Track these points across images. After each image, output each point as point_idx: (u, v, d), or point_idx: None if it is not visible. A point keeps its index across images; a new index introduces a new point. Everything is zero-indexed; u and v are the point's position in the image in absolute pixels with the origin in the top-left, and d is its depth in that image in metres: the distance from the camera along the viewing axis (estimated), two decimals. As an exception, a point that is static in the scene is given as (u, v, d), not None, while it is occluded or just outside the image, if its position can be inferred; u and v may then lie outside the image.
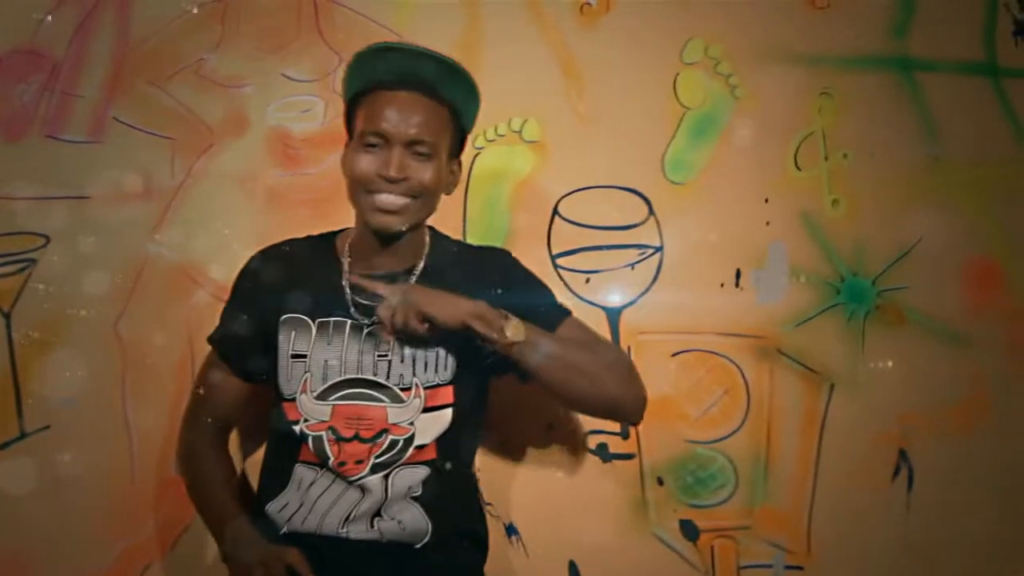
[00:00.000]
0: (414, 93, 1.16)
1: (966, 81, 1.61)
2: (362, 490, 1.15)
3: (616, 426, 1.52)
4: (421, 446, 1.16)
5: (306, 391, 1.17)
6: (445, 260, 1.24)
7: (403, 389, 1.17)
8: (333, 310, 1.19)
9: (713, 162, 1.57)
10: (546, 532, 1.51)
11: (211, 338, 1.27)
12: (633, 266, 1.55)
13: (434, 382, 1.18)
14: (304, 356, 1.17)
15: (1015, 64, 1.62)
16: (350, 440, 1.15)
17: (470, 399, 1.21)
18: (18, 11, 1.49)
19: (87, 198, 1.48)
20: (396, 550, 1.15)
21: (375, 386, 1.17)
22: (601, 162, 1.56)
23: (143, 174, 1.49)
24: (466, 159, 1.32)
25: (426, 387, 1.17)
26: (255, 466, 1.37)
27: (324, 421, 1.16)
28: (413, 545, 1.16)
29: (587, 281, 1.54)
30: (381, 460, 1.15)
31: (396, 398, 1.16)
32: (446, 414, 1.18)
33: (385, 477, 1.15)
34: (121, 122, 1.50)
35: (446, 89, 1.19)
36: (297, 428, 1.17)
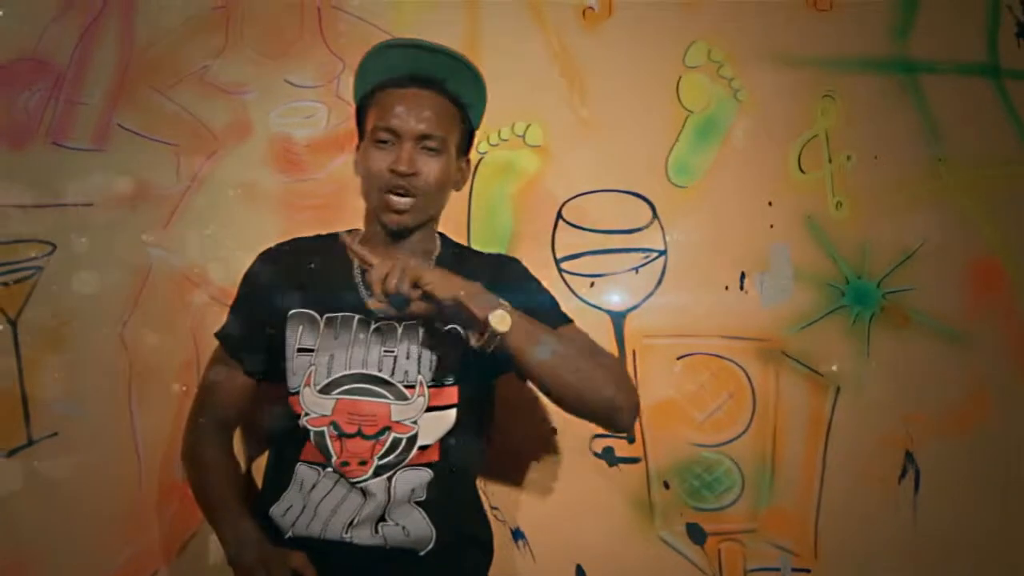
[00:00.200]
0: (423, 89, 1.18)
1: (969, 83, 1.61)
2: (364, 494, 1.15)
3: (623, 432, 1.52)
4: (424, 447, 1.16)
5: (310, 384, 1.17)
6: (455, 264, 1.24)
7: (407, 386, 1.16)
8: (342, 305, 1.19)
9: (716, 165, 1.57)
10: (553, 536, 1.51)
11: (219, 333, 1.27)
12: (637, 270, 1.55)
13: (440, 381, 1.18)
14: (311, 350, 1.17)
15: (1018, 65, 1.62)
16: (352, 436, 1.14)
17: (475, 401, 1.21)
18: (23, 19, 1.49)
19: (92, 205, 1.48)
20: (401, 556, 1.15)
21: (379, 382, 1.16)
22: (605, 166, 1.56)
23: (147, 180, 1.49)
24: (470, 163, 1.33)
25: (430, 385, 1.17)
26: (259, 470, 1.38)
27: (326, 416, 1.16)
28: (418, 551, 1.15)
29: (591, 285, 1.55)
30: (384, 462, 1.15)
31: (400, 395, 1.16)
32: (450, 414, 1.18)
33: (388, 480, 1.15)
34: (125, 129, 1.50)
35: (454, 85, 1.20)
36: (300, 422, 1.16)
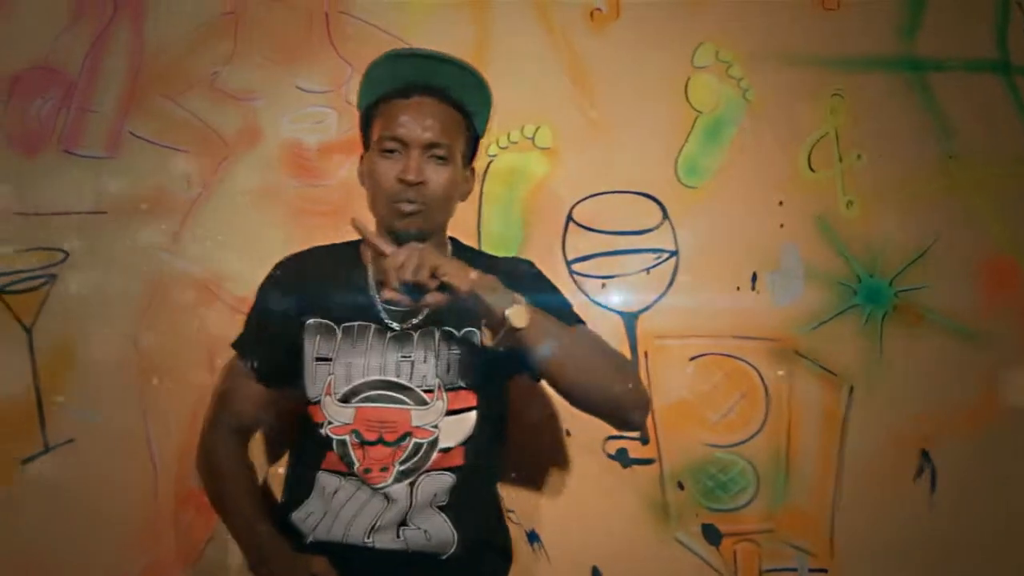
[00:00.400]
0: (428, 98, 1.18)
1: (979, 79, 1.60)
2: (386, 498, 1.15)
3: (635, 431, 1.52)
4: (445, 449, 1.16)
5: (330, 393, 1.17)
6: None
7: (426, 391, 1.17)
8: (358, 315, 1.19)
9: (726, 165, 1.57)
10: (568, 539, 1.50)
11: (235, 343, 1.28)
12: (649, 270, 1.55)
13: (457, 384, 1.18)
14: (329, 359, 1.18)
15: (1028, 61, 1.61)
16: (374, 444, 1.15)
17: (493, 402, 1.21)
18: (34, 28, 1.50)
19: (105, 213, 1.49)
20: (422, 560, 1.15)
21: (398, 388, 1.17)
22: (614, 167, 1.56)
23: (159, 187, 1.50)
24: (479, 167, 1.33)
25: (448, 389, 1.17)
26: (276, 478, 1.38)
27: (347, 424, 1.16)
28: (439, 556, 1.15)
29: (603, 286, 1.54)
30: (405, 467, 1.15)
31: (419, 400, 1.16)
32: (470, 417, 1.18)
33: (410, 485, 1.15)
34: (137, 136, 1.51)
35: (458, 92, 1.20)
36: (322, 431, 1.17)
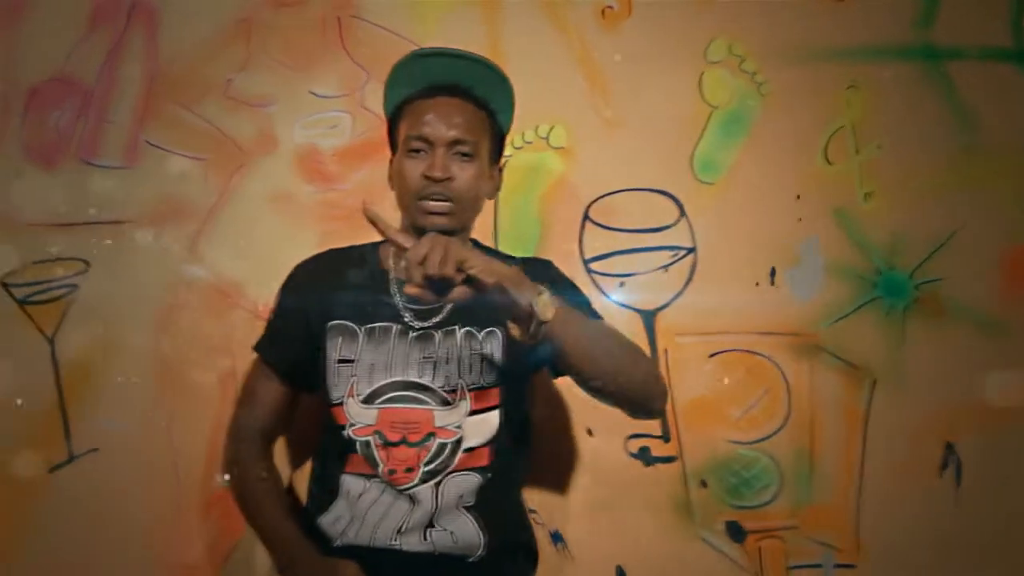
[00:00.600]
0: (453, 97, 1.19)
1: (995, 68, 1.59)
2: (412, 500, 1.15)
3: (657, 429, 1.51)
4: (469, 449, 1.16)
5: (352, 395, 1.17)
6: None
7: (449, 391, 1.17)
8: (380, 316, 1.19)
9: (742, 160, 1.56)
10: (591, 538, 1.50)
11: (257, 345, 1.28)
12: (667, 268, 1.55)
13: (480, 384, 1.18)
14: (351, 361, 1.18)
15: (1045, 49, 1.60)
16: (397, 444, 1.15)
17: (517, 400, 1.21)
18: (50, 40, 1.51)
19: (124, 222, 1.50)
20: (449, 562, 1.15)
21: (421, 388, 1.17)
22: (630, 165, 1.55)
23: (177, 195, 1.51)
24: (496, 166, 1.33)
25: (471, 389, 1.17)
26: (298, 482, 1.38)
27: (370, 425, 1.16)
28: (466, 558, 1.15)
29: (621, 285, 1.54)
30: (430, 468, 1.15)
31: (442, 401, 1.17)
32: (493, 416, 1.18)
33: (436, 486, 1.15)
34: (153, 145, 1.52)
35: (482, 90, 1.21)
36: (345, 433, 1.17)
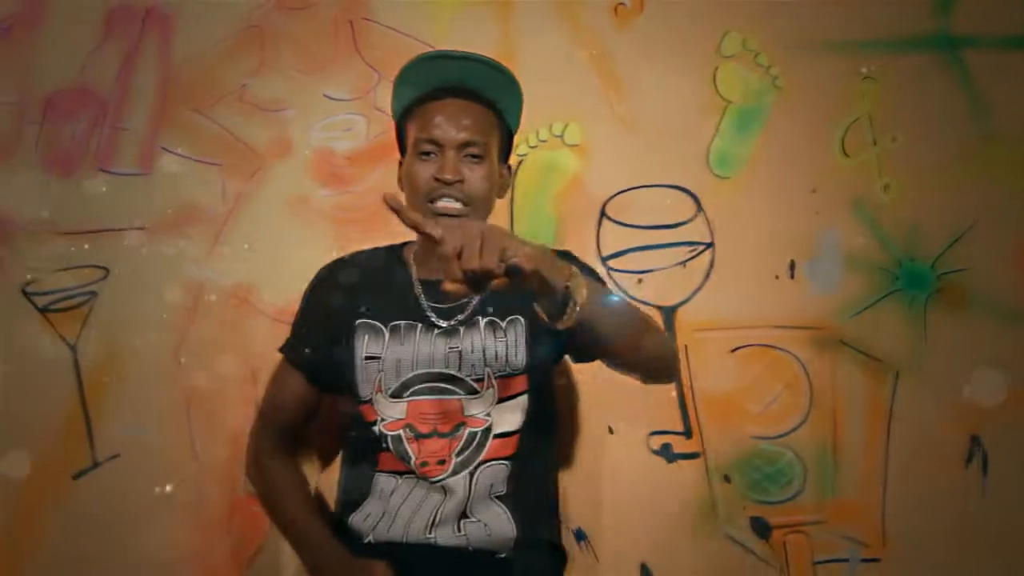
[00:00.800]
0: (460, 99, 1.18)
1: (1013, 56, 1.58)
2: (445, 491, 1.15)
3: (679, 426, 1.51)
4: (501, 435, 1.16)
5: (380, 390, 1.17)
6: None
7: (476, 380, 1.17)
8: (404, 315, 1.19)
9: (759, 154, 1.55)
10: (615, 536, 1.49)
11: (283, 347, 1.28)
12: (685, 263, 1.54)
13: (506, 371, 1.18)
14: (377, 357, 1.18)
15: (1063, 36, 1.58)
16: (428, 436, 1.15)
17: (543, 387, 1.21)
18: (66, 50, 1.52)
19: (142, 228, 1.50)
20: (482, 557, 1.14)
21: (448, 379, 1.17)
22: (645, 161, 1.55)
23: (194, 201, 1.52)
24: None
25: (498, 376, 1.17)
26: (326, 483, 1.38)
27: (400, 419, 1.17)
28: (499, 553, 1.15)
29: (639, 282, 1.53)
30: (462, 458, 1.15)
31: (470, 390, 1.17)
32: (521, 402, 1.18)
33: (469, 475, 1.15)
34: (169, 152, 1.52)
35: (489, 91, 1.21)
36: (376, 429, 1.17)
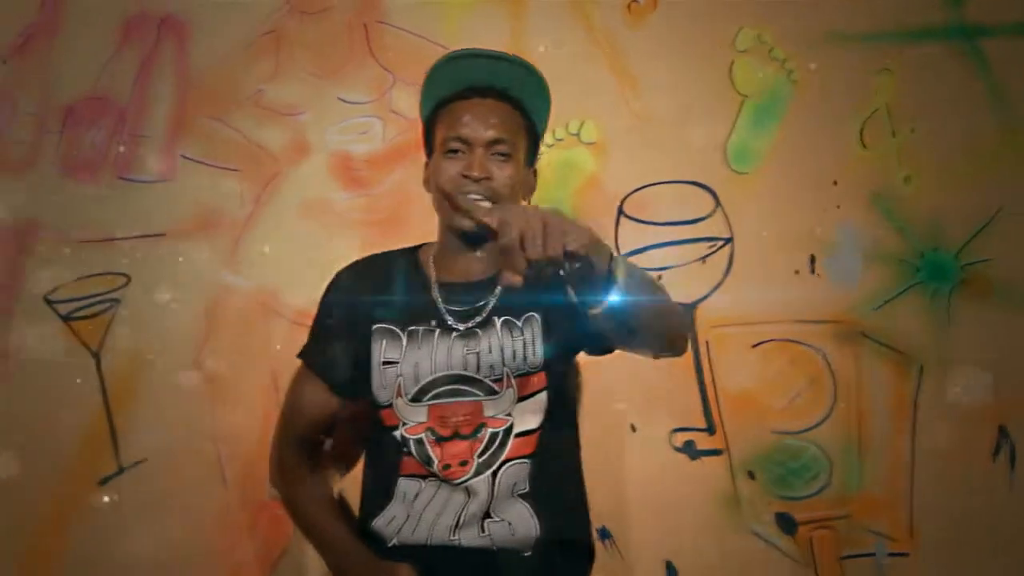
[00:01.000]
0: (489, 99, 1.18)
1: (1030, 44, 1.57)
2: (468, 492, 1.15)
3: (701, 422, 1.50)
4: (521, 433, 1.16)
5: (400, 395, 1.17)
6: None
7: (495, 380, 1.17)
8: (422, 319, 1.19)
9: (777, 148, 1.55)
10: (639, 534, 1.49)
11: (301, 353, 1.28)
12: (704, 259, 1.53)
13: (524, 370, 1.17)
14: (396, 362, 1.18)
15: (1081, 22, 1.57)
16: (450, 439, 1.15)
17: (562, 383, 1.21)
18: (84, 59, 1.53)
19: (162, 235, 1.51)
20: (507, 557, 1.14)
21: (467, 381, 1.17)
22: (663, 158, 1.55)
23: (214, 207, 1.52)
24: (528, 165, 1.32)
25: (516, 375, 1.17)
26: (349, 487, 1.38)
27: (422, 423, 1.16)
28: (524, 552, 1.15)
29: (659, 278, 1.53)
30: (484, 459, 1.15)
31: (489, 391, 1.16)
32: (541, 399, 1.17)
33: (492, 475, 1.15)
34: (188, 158, 1.53)
35: (518, 91, 1.20)
36: (397, 434, 1.17)
